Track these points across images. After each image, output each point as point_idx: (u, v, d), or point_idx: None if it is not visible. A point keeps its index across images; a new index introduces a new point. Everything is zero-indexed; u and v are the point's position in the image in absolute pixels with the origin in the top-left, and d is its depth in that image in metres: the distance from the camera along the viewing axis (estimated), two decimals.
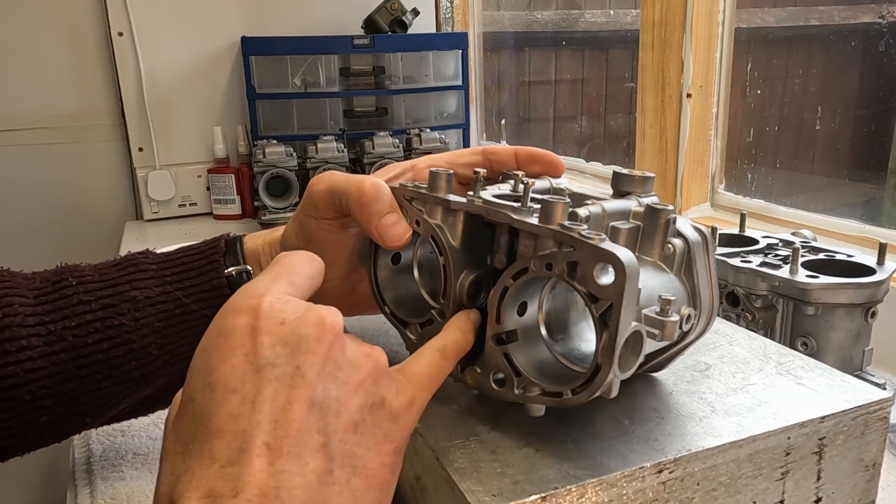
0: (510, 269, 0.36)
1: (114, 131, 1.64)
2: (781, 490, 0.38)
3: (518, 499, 0.32)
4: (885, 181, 1.04)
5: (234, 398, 0.28)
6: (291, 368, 0.28)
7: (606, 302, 0.32)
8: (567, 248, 0.33)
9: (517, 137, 1.96)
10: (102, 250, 1.65)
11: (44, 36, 1.55)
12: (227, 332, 0.29)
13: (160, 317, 0.48)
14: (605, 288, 0.32)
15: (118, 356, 0.47)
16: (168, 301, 0.48)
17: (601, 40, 1.75)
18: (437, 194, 0.40)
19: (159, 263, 0.50)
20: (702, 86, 1.15)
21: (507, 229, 0.38)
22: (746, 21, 1.22)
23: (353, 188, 0.42)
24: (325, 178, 0.44)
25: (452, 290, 0.39)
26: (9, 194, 1.58)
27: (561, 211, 0.34)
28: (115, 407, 0.50)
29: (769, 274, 0.65)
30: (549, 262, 0.34)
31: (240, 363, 0.28)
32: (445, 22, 1.92)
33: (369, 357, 0.31)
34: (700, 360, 0.45)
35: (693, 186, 1.18)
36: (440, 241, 0.39)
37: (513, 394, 0.36)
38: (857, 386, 0.41)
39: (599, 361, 0.32)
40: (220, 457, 0.27)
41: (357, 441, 0.29)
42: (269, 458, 0.27)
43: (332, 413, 0.29)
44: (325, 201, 0.44)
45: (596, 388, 0.33)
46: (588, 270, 0.32)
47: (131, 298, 0.48)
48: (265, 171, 1.41)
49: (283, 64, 1.59)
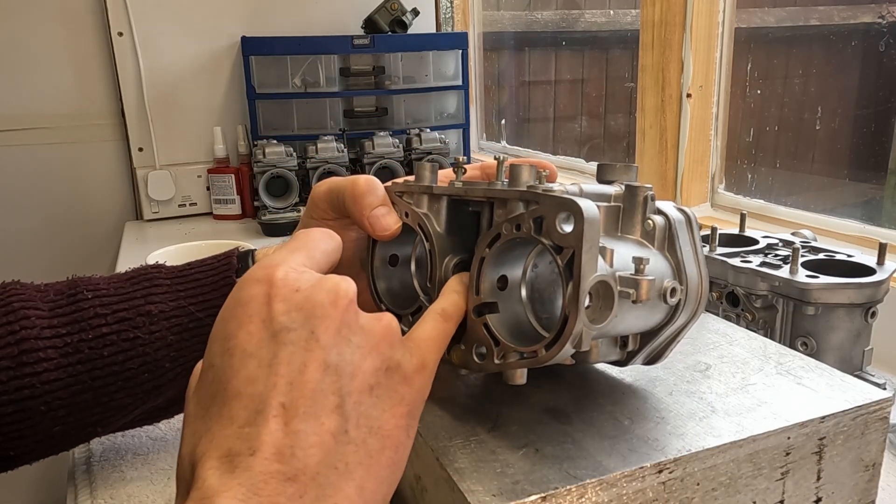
0: (484, 238, 0.37)
1: (114, 131, 1.64)
2: (781, 490, 0.38)
3: (518, 499, 0.32)
4: (885, 181, 1.04)
5: (251, 362, 0.28)
6: (306, 332, 0.29)
7: (570, 250, 0.33)
8: (532, 205, 0.35)
9: (517, 137, 1.96)
10: (102, 250, 1.65)
11: (44, 36, 1.55)
12: (243, 301, 0.30)
13: (174, 330, 0.49)
14: (567, 235, 0.33)
15: (132, 368, 0.48)
16: (182, 315, 0.50)
17: (601, 40, 1.75)
18: (422, 183, 0.42)
19: (173, 278, 0.51)
20: (702, 86, 1.15)
21: (489, 210, 0.39)
22: (746, 21, 1.22)
23: (347, 183, 0.44)
24: (326, 181, 0.46)
25: (438, 273, 0.40)
26: (9, 194, 1.58)
27: (527, 173, 0.36)
28: (124, 417, 0.51)
29: (769, 274, 0.65)
30: (518, 222, 0.35)
31: (256, 329, 0.29)
32: (445, 22, 1.92)
33: (381, 321, 0.32)
34: (700, 360, 0.45)
35: (693, 186, 1.18)
36: (426, 227, 0.41)
37: (493, 364, 0.36)
38: (857, 386, 0.41)
39: (567, 312, 0.33)
40: (237, 418, 0.27)
41: (372, 403, 0.30)
42: (284, 419, 0.27)
43: (346, 375, 0.29)
44: (325, 201, 0.46)
45: (566, 339, 0.33)
46: (551, 222, 0.33)
47: (147, 312, 0.49)
48: (265, 171, 1.41)
49: (283, 64, 1.59)
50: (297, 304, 0.30)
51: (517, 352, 0.35)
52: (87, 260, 1.65)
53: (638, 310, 0.36)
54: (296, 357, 0.29)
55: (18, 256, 1.60)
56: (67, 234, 1.64)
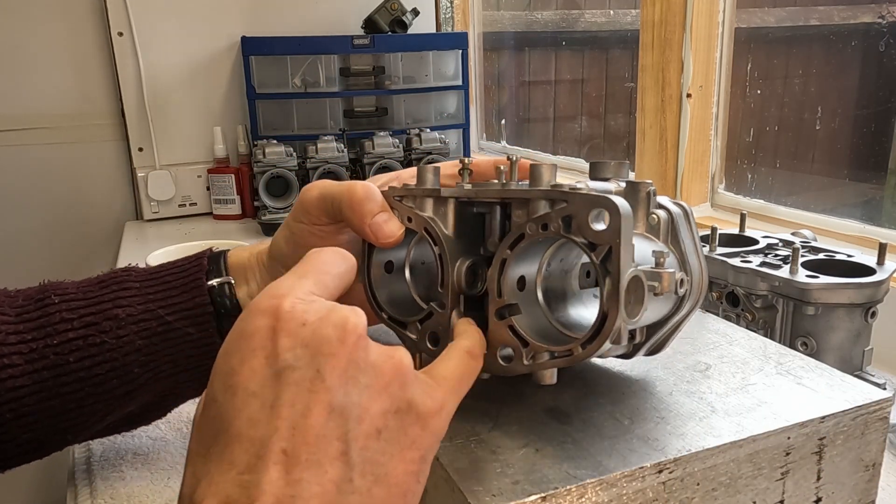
0: (506, 240, 0.37)
1: (114, 131, 1.64)
2: (781, 490, 0.38)
3: (518, 499, 0.32)
4: (885, 181, 1.04)
5: (253, 402, 0.27)
6: (311, 372, 0.28)
7: (605, 246, 0.33)
8: (560, 204, 0.35)
9: (517, 137, 1.96)
10: (102, 250, 1.65)
11: (44, 36, 1.55)
12: (247, 334, 0.29)
13: (143, 335, 0.48)
14: (602, 232, 0.33)
15: (100, 374, 0.47)
16: (151, 319, 0.48)
17: (601, 40, 1.75)
18: (426, 187, 0.41)
19: (143, 281, 0.50)
20: (702, 86, 1.15)
21: (499, 212, 0.39)
22: (746, 21, 1.22)
23: (344, 191, 0.43)
24: (317, 185, 0.46)
25: (450, 278, 0.39)
26: (9, 194, 1.58)
27: (549, 172, 0.36)
28: (97, 423, 0.50)
29: (769, 274, 0.65)
30: (545, 222, 0.35)
31: (260, 366, 0.28)
32: (445, 22, 1.92)
33: (393, 358, 0.30)
34: (700, 360, 0.45)
35: (693, 186, 1.18)
36: (433, 231, 0.40)
37: (522, 365, 0.36)
38: (857, 386, 0.41)
39: (605, 309, 0.33)
40: (238, 462, 0.26)
41: (380, 448, 0.28)
42: (286, 466, 0.26)
43: (353, 419, 0.28)
44: (316, 207, 0.45)
45: (606, 335, 0.33)
46: (583, 220, 0.34)
47: (114, 316, 0.48)
48: (265, 171, 1.41)
49: (283, 64, 1.59)
50: (304, 340, 0.28)
51: (548, 351, 0.35)
52: (87, 260, 1.65)
53: (655, 302, 0.36)
54: (299, 399, 0.27)
55: (18, 256, 1.60)
56: (67, 234, 1.64)
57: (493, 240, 0.40)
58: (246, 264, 0.51)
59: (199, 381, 0.51)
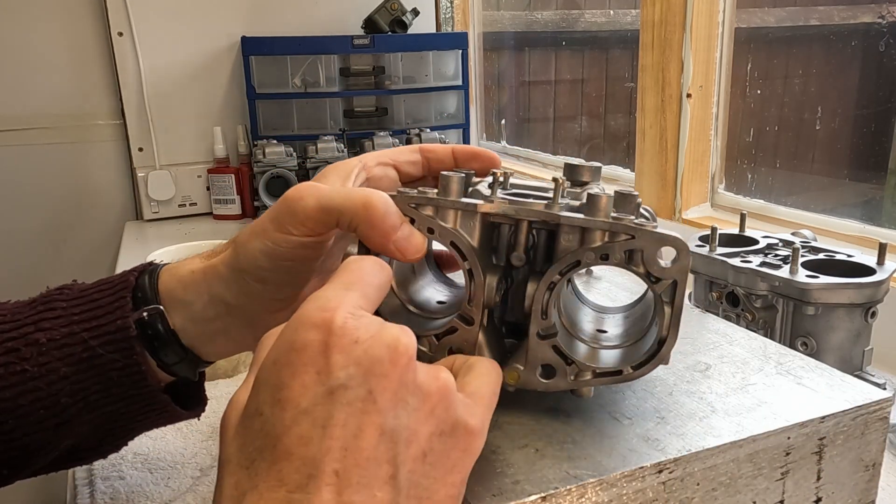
0: (558, 265, 0.37)
1: (114, 131, 1.64)
2: (781, 490, 0.38)
3: (518, 499, 0.32)
4: (885, 181, 1.04)
5: (304, 420, 0.27)
6: (364, 392, 0.27)
7: (668, 280, 0.36)
8: (624, 237, 0.36)
9: (517, 137, 1.96)
10: (102, 250, 1.65)
11: (44, 36, 1.55)
12: (298, 347, 0.28)
13: (67, 361, 0.43)
14: (668, 269, 0.36)
15: (24, 405, 0.42)
16: (75, 344, 0.43)
17: (601, 40, 1.75)
18: (452, 198, 0.39)
19: (71, 300, 0.45)
20: (702, 86, 1.15)
21: (527, 226, 0.39)
22: (746, 21, 1.22)
23: (356, 205, 0.38)
24: (310, 193, 0.39)
25: (481, 295, 0.38)
26: (9, 194, 1.58)
27: (607, 203, 0.36)
28: (36, 459, 0.46)
29: (769, 274, 0.65)
30: (606, 252, 0.36)
31: (311, 382, 0.27)
32: (445, 22, 1.92)
33: (438, 380, 0.30)
34: (700, 360, 0.45)
35: (693, 186, 1.18)
36: (462, 245, 0.38)
37: (565, 382, 0.37)
38: (857, 386, 0.41)
39: (664, 334, 0.36)
40: (288, 481, 0.26)
41: (425, 472, 0.28)
42: (337, 488, 0.26)
43: (402, 442, 0.28)
44: (314, 219, 0.39)
45: (661, 359, 0.37)
46: (651, 255, 0.36)
47: (34, 342, 0.43)
48: (265, 171, 1.41)
49: (283, 64, 1.59)
50: (356, 358, 0.28)
51: (591, 370, 0.37)
52: (87, 260, 1.65)
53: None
54: (352, 420, 0.27)
55: (18, 256, 1.60)
56: (67, 234, 1.64)
57: (518, 254, 0.39)
58: (189, 281, 0.44)
59: (145, 414, 0.46)
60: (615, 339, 0.42)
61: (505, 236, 0.40)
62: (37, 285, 0.49)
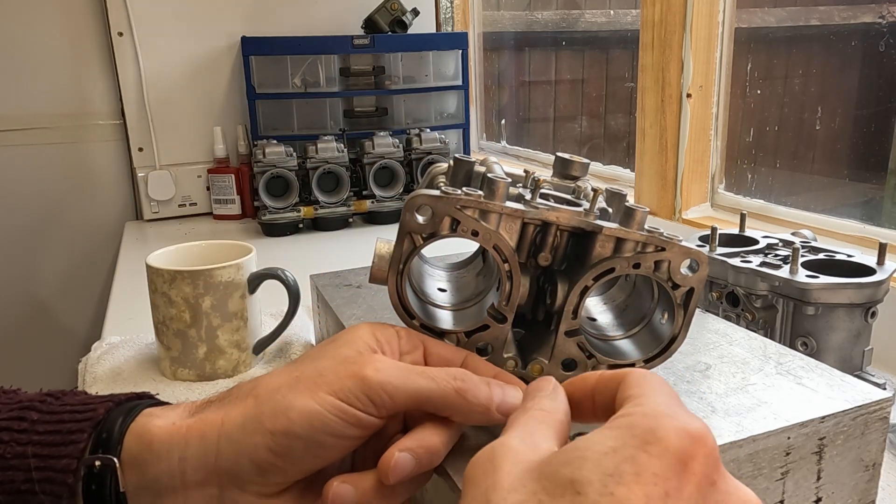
0: (593, 271, 0.40)
1: (114, 131, 1.64)
2: (781, 490, 0.38)
3: None
4: (885, 181, 1.04)
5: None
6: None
7: (686, 287, 0.41)
8: (655, 249, 0.40)
9: (517, 137, 1.96)
10: (102, 250, 1.65)
11: (44, 36, 1.55)
12: (656, 452, 0.25)
13: (5, 488, 0.36)
14: (689, 278, 0.41)
15: None
16: (20, 469, 0.36)
17: (601, 40, 1.75)
18: (497, 202, 0.40)
19: (43, 414, 0.38)
20: (702, 86, 1.15)
21: (555, 229, 0.41)
22: (746, 21, 1.22)
23: (448, 393, 0.35)
24: (398, 378, 0.35)
25: (517, 293, 0.41)
26: (9, 194, 1.58)
27: (641, 217, 0.40)
28: None
29: (769, 274, 0.65)
30: (638, 262, 0.40)
31: (657, 496, 0.24)
32: (445, 22, 1.92)
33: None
34: (700, 360, 0.45)
35: (693, 186, 1.18)
36: (503, 249, 0.40)
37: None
38: (857, 386, 0.41)
39: (676, 333, 0.41)
40: None
41: None
42: None
43: None
44: (404, 405, 0.35)
45: (671, 352, 0.42)
46: (676, 266, 0.41)
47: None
48: (265, 171, 1.41)
49: (283, 64, 1.59)
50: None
51: (607, 363, 0.42)
52: (87, 260, 1.65)
53: None
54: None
55: (18, 257, 1.60)
56: (68, 233, 1.64)
57: (545, 255, 0.42)
58: (164, 435, 0.37)
59: None
60: (611, 327, 0.46)
61: (529, 236, 0.42)
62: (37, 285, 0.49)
